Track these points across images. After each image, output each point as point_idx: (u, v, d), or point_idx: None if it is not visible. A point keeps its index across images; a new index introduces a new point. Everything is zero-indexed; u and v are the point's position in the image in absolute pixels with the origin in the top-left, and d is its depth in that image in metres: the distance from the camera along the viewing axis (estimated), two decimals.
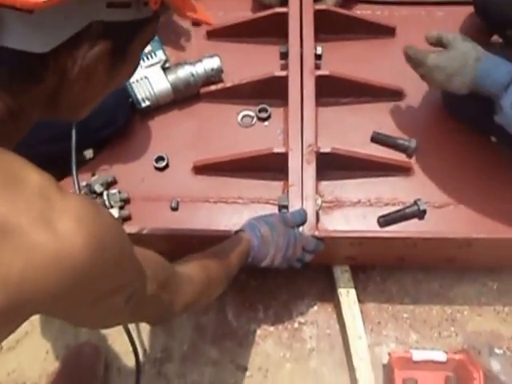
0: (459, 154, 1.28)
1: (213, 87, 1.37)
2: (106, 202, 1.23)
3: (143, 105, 1.33)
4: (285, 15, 1.38)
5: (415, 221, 1.23)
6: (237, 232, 1.03)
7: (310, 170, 1.17)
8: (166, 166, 1.30)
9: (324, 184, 1.27)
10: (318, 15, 1.38)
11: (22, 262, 0.45)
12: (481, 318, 1.29)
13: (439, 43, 1.10)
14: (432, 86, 1.16)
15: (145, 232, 1.14)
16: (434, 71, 1.08)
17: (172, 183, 1.28)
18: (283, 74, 1.30)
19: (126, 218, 1.23)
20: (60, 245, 0.47)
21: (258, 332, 1.29)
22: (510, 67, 1.02)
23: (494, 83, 1.02)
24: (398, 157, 1.29)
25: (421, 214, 1.22)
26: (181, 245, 1.02)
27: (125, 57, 0.57)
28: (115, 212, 1.22)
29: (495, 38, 1.37)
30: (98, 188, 1.24)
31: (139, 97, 1.33)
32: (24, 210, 0.46)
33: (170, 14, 1.43)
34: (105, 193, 1.24)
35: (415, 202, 1.22)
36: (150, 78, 1.34)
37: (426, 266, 1.32)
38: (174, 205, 1.24)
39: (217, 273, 0.88)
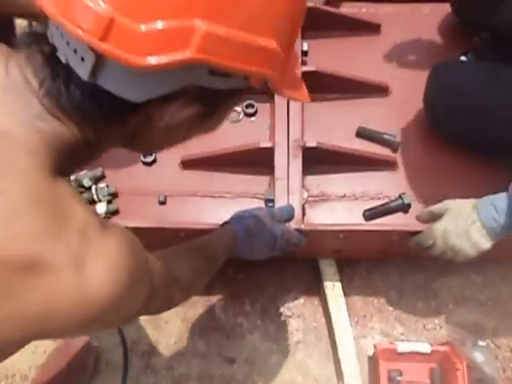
0: (443, 148, 1.30)
1: None
2: (94, 196, 1.24)
3: None
4: None
5: (400, 214, 1.25)
6: (223, 224, 1.04)
7: (296, 165, 1.19)
8: (154, 160, 1.31)
9: (310, 178, 1.28)
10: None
11: (42, 302, 0.46)
12: (465, 311, 1.31)
13: (433, 216, 1.10)
14: (459, 258, 1.07)
15: (132, 225, 1.15)
16: (448, 239, 1.04)
17: (160, 178, 1.29)
18: None
19: (114, 212, 1.25)
20: (86, 293, 0.47)
21: (245, 325, 1.31)
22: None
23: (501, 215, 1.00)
24: (383, 151, 1.31)
25: (405, 208, 1.24)
26: (169, 239, 1.03)
27: (211, 117, 0.58)
28: (103, 206, 1.23)
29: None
30: (86, 182, 1.25)
31: None
32: (62, 249, 0.47)
33: None
34: (93, 187, 1.25)
35: (400, 196, 1.24)
36: None
37: (411, 259, 1.34)
38: (161, 199, 1.26)
39: (202, 265, 0.90)
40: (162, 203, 1.26)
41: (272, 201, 1.17)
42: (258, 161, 1.25)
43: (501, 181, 1.03)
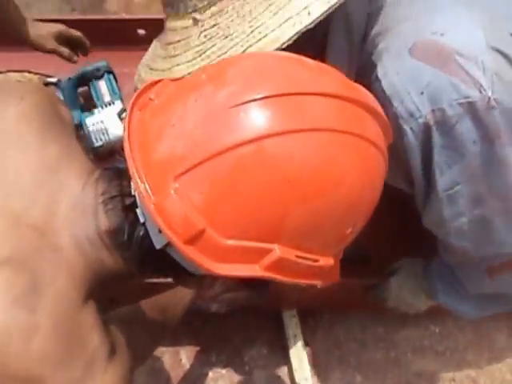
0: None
1: None
2: None
3: (96, 144, 1.41)
4: None
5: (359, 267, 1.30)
6: None
7: None
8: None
9: None
10: None
11: None
12: (423, 360, 1.35)
13: (388, 271, 1.19)
14: (411, 311, 1.17)
15: None
16: (400, 294, 1.12)
17: None
18: None
19: None
20: None
21: (211, 375, 1.33)
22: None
23: None
24: None
25: (364, 261, 1.30)
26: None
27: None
28: None
29: None
30: None
31: (93, 137, 1.41)
32: (65, 378, 0.50)
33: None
34: None
35: (360, 247, 1.29)
36: (105, 124, 1.43)
37: (372, 312, 1.38)
38: None
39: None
40: None
41: None
42: None
43: None
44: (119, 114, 1.44)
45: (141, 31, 1.66)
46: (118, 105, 1.46)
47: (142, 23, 1.66)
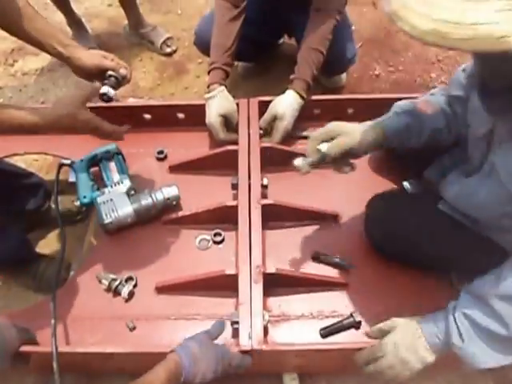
0: (389, 268, 1.47)
1: (173, 215, 1.57)
2: None
3: (106, 221, 1.53)
4: (235, 152, 1.62)
5: (353, 331, 1.39)
6: (169, 353, 1.11)
7: (258, 289, 1.34)
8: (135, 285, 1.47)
9: (272, 299, 1.44)
10: (264, 151, 1.62)
11: None
12: None
13: (381, 333, 1.26)
14: (405, 371, 1.18)
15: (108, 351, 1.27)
16: (398, 352, 1.17)
17: (137, 304, 1.44)
18: (234, 203, 1.51)
19: None
20: None
21: None
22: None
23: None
24: (336, 273, 1.48)
25: (357, 325, 1.39)
26: (143, 361, 1.16)
27: None
28: None
29: None
30: None
31: (103, 214, 1.53)
32: None
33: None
34: None
35: (351, 315, 1.39)
36: (115, 202, 1.55)
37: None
38: (130, 326, 1.39)
39: None
40: (132, 329, 1.39)
41: (237, 323, 1.32)
42: (225, 285, 1.41)
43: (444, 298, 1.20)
44: (127, 193, 1.57)
45: (147, 116, 1.82)
46: (127, 183, 1.59)
47: (148, 109, 1.82)
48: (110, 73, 1.41)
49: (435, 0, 0.76)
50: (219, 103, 1.71)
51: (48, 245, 1.82)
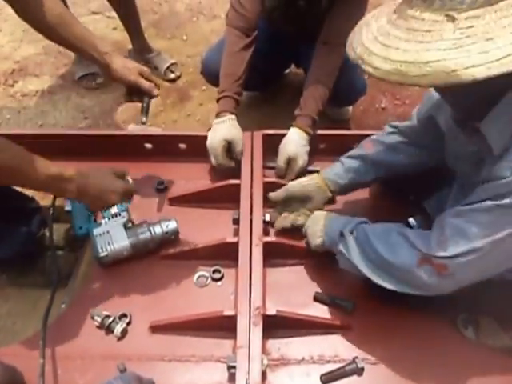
0: (393, 311, 1.42)
1: (171, 250, 1.52)
2: None
3: (101, 254, 1.47)
4: (237, 186, 1.58)
5: (355, 377, 1.33)
6: None
7: (257, 332, 1.28)
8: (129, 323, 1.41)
9: (271, 342, 1.37)
10: (267, 185, 1.58)
11: None
12: None
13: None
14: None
15: None
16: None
17: (130, 343, 1.37)
18: (234, 240, 1.47)
19: None
20: None
21: None
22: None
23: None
24: (338, 315, 1.42)
25: (359, 371, 1.33)
26: None
27: None
28: None
29: None
30: None
31: (98, 247, 1.48)
32: None
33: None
34: None
35: (353, 360, 1.33)
36: (111, 234, 1.50)
37: None
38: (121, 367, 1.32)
39: None
40: (123, 371, 1.32)
41: (234, 367, 1.26)
42: (223, 326, 1.35)
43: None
44: (125, 225, 1.53)
45: (148, 145, 1.78)
46: (124, 215, 1.55)
47: (149, 138, 1.79)
48: (146, 99, 1.56)
49: (393, 44, 0.93)
50: (227, 128, 1.68)
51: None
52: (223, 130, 1.68)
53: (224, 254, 1.49)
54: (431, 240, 1.14)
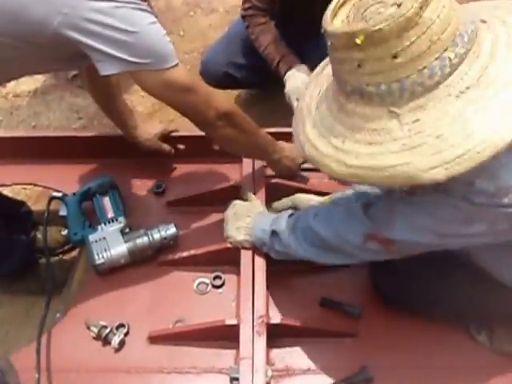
0: (401, 315, 1.35)
1: (170, 256, 1.46)
2: None
3: (97, 261, 1.41)
4: (239, 188, 1.52)
5: None
6: None
7: (261, 342, 1.22)
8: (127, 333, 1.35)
9: (275, 351, 1.31)
10: (269, 187, 1.54)
11: None
12: None
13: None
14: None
15: None
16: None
17: (128, 355, 1.31)
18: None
19: None
20: None
21: None
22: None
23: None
24: (344, 321, 1.36)
25: (368, 382, 1.27)
26: None
27: None
28: None
29: None
30: None
31: (95, 254, 1.41)
32: None
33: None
34: None
35: (363, 370, 1.27)
36: (108, 240, 1.44)
37: None
38: None
39: None
40: None
41: (237, 379, 1.20)
42: (225, 336, 1.29)
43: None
44: (122, 231, 1.46)
45: None
46: (121, 221, 1.49)
47: None
48: None
49: (346, 147, 0.87)
50: (306, 73, 1.77)
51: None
52: (303, 74, 1.77)
53: (225, 260, 1.43)
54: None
